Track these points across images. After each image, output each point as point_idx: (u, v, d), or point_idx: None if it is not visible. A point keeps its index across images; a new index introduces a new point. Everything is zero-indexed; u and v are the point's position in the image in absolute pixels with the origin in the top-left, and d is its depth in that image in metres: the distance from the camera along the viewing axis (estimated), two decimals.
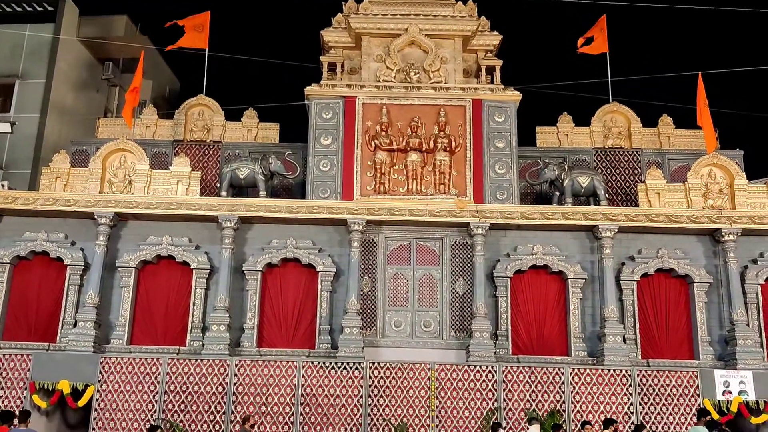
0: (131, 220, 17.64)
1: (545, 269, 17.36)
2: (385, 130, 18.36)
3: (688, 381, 15.77)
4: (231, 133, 20.35)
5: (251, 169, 18.27)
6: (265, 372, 15.77)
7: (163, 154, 20.03)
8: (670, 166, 19.73)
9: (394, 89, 18.67)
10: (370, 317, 17.34)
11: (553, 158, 19.32)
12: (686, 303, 17.23)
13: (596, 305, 17.11)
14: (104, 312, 17.01)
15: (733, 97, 25.02)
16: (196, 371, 15.79)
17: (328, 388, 15.65)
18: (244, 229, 17.60)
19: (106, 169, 18.03)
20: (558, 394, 15.63)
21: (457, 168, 18.17)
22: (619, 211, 17.36)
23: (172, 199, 17.38)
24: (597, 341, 16.78)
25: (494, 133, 18.38)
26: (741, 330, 16.47)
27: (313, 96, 18.69)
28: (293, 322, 17.18)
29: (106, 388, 15.69)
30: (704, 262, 17.35)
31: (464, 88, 18.72)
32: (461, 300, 17.41)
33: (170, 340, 16.97)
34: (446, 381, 15.66)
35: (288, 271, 17.49)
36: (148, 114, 20.72)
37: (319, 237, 17.59)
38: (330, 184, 18.04)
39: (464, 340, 16.91)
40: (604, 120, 20.17)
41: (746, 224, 17.08)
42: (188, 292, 17.22)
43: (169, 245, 17.32)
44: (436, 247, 17.80)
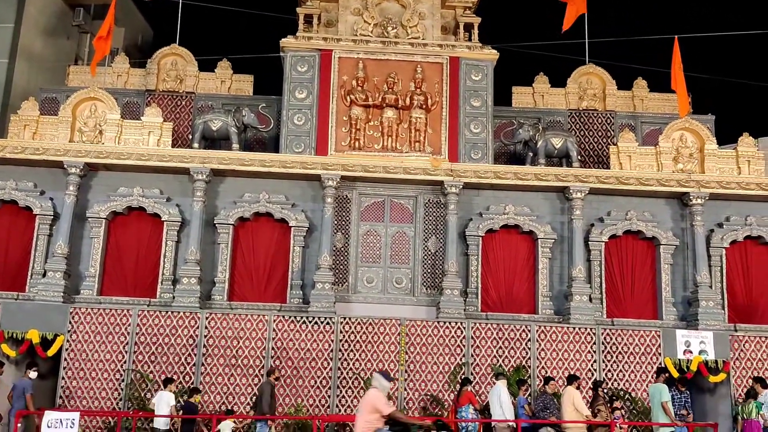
0: (102, 171, 17.42)
1: (516, 229, 17.55)
2: (361, 85, 18.22)
3: (650, 340, 16.17)
4: (204, 84, 20.05)
5: (224, 121, 18.07)
6: (235, 325, 15.85)
7: (134, 104, 19.71)
8: (643, 129, 19.88)
9: (371, 44, 18.48)
10: (343, 273, 17.45)
11: (528, 119, 19.37)
12: (652, 264, 17.58)
13: (564, 265, 17.38)
14: (74, 262, 16.91)
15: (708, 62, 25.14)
16: (166, 323, 15.83)
17: (299, 342, 15.80)
18: (216, 182, 17.48)
19: (76, 117, 17.74)
20: (524, 351, 15.95)
21: (432, 126, 18.13)
22: (591, 173, 17.53)
23: (144, 150, 17.18)
24: (564, 300, 17.09)
25: (470, 92, 18.34)
26: (704, 292, 16.87)
27: (289, 48, 18.44)
28: (265, 276, 17.24)
29: (76, 338, 15.68)
30: (671, 225, 17.66)
31: (442, 45, 18.58)
32: (433, 257, 17.56)
33: (141, 291, 16.95)
34: (416, 336, 15.89)
35: (260, 226, 17.47)
36: (119, 62, 20.31)
37: (293, 192, 17.55)
38: (304, 139, 17.93)
39: (435, 297, 17.11)
40: (580, 81, 20.20)
41: (714, 188, 17.36)
42: (159, 244, 17.15)
43: (140, 197, 17.18)
44: (409, 205, 17.87)
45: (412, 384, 15.57)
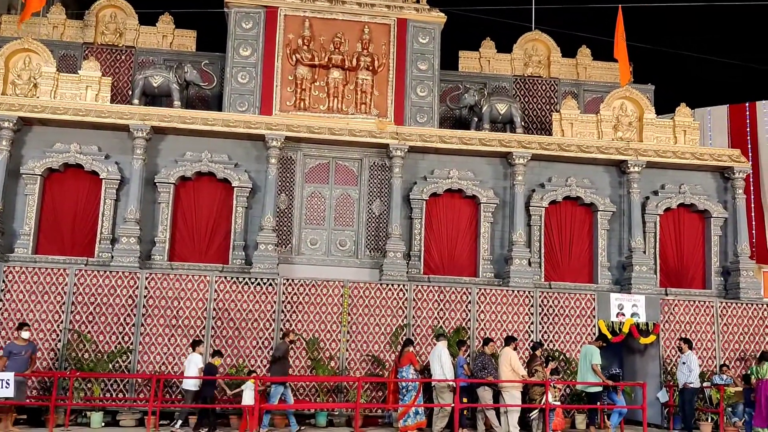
0: (36, 126, 16.82)
1: (460, 193, 17.73)
2: (307, 45, 17.97)
3: (585, 303, 16.67)
4: (145, 39, 19.47)
5: (166, 77, 17.62)
6: (176, 286, 15.67)
7: (71, 56, 19.03)
8: (585, 97, 20.24)
9: (317, 2, 18.18)
10: (286, 235, 17.38)
11: (474, 84, 19.46)
12: (590, 230, 18.04)
13: (506, 230, 17.69)
14: (7, 220, 16.38)
15: (649, 32, 25.61)
16: (104, 283, 15.54)
17: (241, 303, 15.74)
18: (156, 139, 17.09)
19: (9, 69, 17.08)
20: (464, 313, 16.26)
21: (378, 88, 18.06)
22: (533, 140, 17.78)
23: (81, 105, 16.64)
24: (504, 264, 17.43)
25: (417, 55, 18.28)
26: (638, 257, 17.43)
27: (233, 4, 18.00)
28: (207, 236, 17.05)
29: (10, 297, 15.27)
30: (609, 192, 18.11)
31: (389, 6, 18.42)
32: (377, 220, 17.64)
33: (78, 251, 16.57)
34: (359, 298, 16.01)
35: (202, 185, 17.21)
36: (55, 13, 19.51)
37: (236, 151, 17.31)
38: (248, 98, 17.64)
39: (378, 260, 17.23)
40: (526, 48, 20.36)
41: (651, 157, 17.84)
42: (97, 202, 16.74)
43: (77, 153, 16.68)
44: (354, 167, 17.84)
45: (354, 345, 15.73)
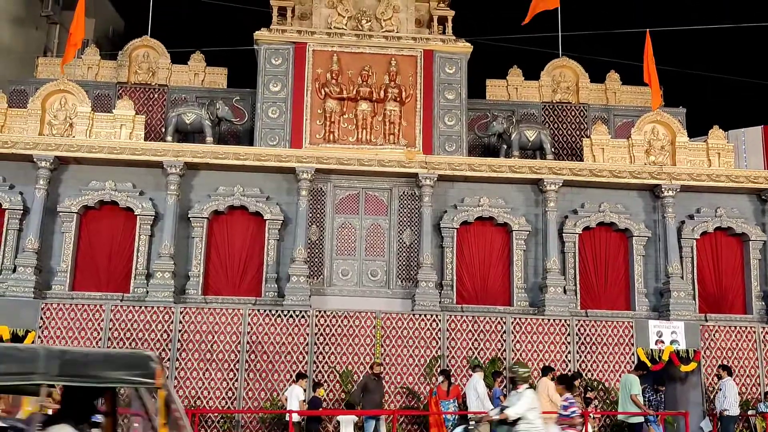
0: (72, 164, 17.18)
1: (491, 221, 17.64)
2: (335, 78, 18.15)
3: (623, 331, 16.37)
4: (177, 77, 19.83)
5: (198, 114, 17.90)
6: (210, 319, 15.75)
7: (105, 96, 19.44)
8: (616, 122, 20.07)
9: (345, 37, 18.41)
10: (318, 266, 17.41)
11: (502, 111, 19.45)
12: (625, 256, 17.77)
13: (539, 257, 17.50)
14: (45, 257, 16.67)
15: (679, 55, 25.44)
16: (140, 318, 15.68)
17: (274, 336, 15.75)
18: (189, 175, 17.33)
19: (45, 110, 17.46)
20: (499, 343, 16.06)
21: (406, 118, 18.13)
22: (564, 165, 17.66)
23: (116, 143, 16.97)
24: (539, 292, 17.22)
25: (444, 85, 18.36)
26: (675, 283, 17.10)
27: (263, 41, 18.30)
28: (239, 270, 17.14)
29: (48, 334, 15.48)
30: (644, 217, 17.86)
31: (416, 38, 18.57)
32: (408, 250, 17.59)
33: (114, 286, 16.77)
34: (392, 329, 15.92)
35: (235, 219, 17.36)
36: (90, 54, 20.00)
37: (267, 185, 17.46)
38: (279, 132, 17.83)
39: (410, 290, 17.14)
40: (553, 74, 20.32)
41: (685, 181, 17.59)
42: (132, 238, 16.97)
43: (112, 190, 16.97)
44: (384, 197, 17.87)
45: (388, 377, 15.59)
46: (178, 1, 21.38)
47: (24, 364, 5.45)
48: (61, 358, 5.59)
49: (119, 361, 5.90)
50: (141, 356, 5.95)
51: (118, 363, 5.86)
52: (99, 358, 5.88)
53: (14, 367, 5.42)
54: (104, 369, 5.73)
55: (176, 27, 25.19)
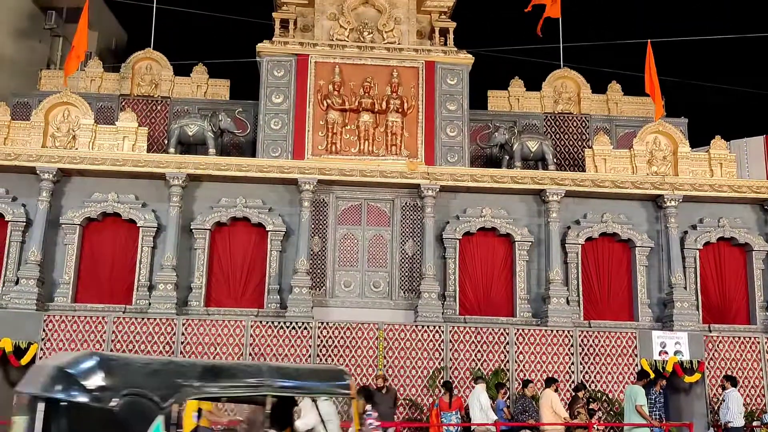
0: (75, 176, 17.21)
1: (493, 231, 17.62)
2: (337, 90, 18.20)
3: (627, 342, 16.31)
4: (180, 89, 19.89)
5: (200, 126, 17.94)
6: (212, 331, 15.73)
7: (108, 108, 19.49)
8: (618, 132, 20.08)
9: (347, 49, 18.47)
10: (320, 277, 17.39)
11: (504, 122, 19.47)
12: (628, 266, 17.74)
13: (542, 268, 17.47)
14: (48, 269, 16.67)
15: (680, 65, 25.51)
16: (142, 330, 15.66)
17: (277, 348, 15.72)
18: (192, 187, 17.35)
19: (48, 122, 17.51)
20: (503, 354, 16.01)
21: (408, 129, 18.16)
22: (566, 176, 17.66)
23: (119, 155, 17.00)
24: (541, 303, 17.19)
25: (446, 96, 18.39)
26: (679, 293, 17.05)
27: (265, 53, 18.37)
28: (242, 281, 17.13)
29: (50, 346, 15.46)
30: (646, 227, 17.83)
31: (417, 50, 18.63)
32: (411, 261, 17.57)
33: (116, 298, 16.75)
34: (394, 341, 15.88)
35: (237, 230, 17.36)
36: (93, 67, 20.08)
37: (270, 196, 17.47)
38: (281, 143, 17.86)
39: (413, 301, 17.11)
40: (555, 85, 20.35)
41: (687, 191, 17.58)
42: (134, 250, 16.97)
43: (115, 202, 16.99)
44: (386, 208, 17.87)
45: None
46: (180, 14, 21.46)
47: (253, 378, 6.21)
48: (279, 372, 6.44)
49: (322, 374, 6.82)
50: (337, 370, 6.98)
51: (321, 376, 6.74)
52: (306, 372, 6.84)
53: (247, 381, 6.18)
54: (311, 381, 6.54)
55: (179, 39, 25.33)
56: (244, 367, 6.56)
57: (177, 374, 5.93)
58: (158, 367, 6.02)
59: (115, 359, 6.01)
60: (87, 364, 5.63)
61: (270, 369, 6.43)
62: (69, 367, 5.61)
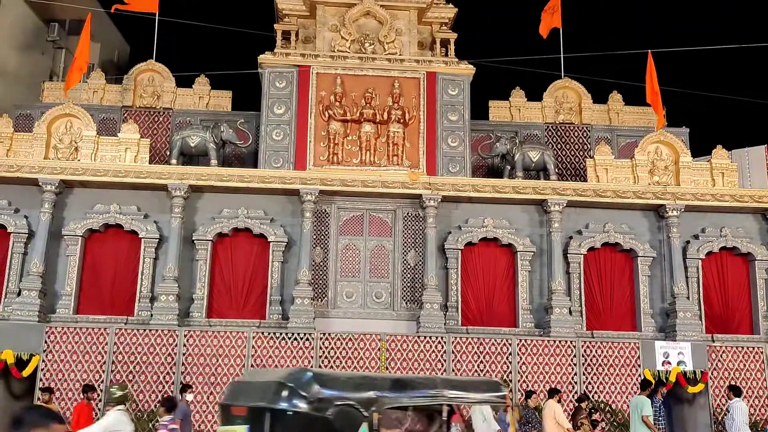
0: (77, 188, 17.24)
1: (495, 242, 17.60)
2: (339, 101, 18.24)
3: (630, 352, 16.26)
4: (182, 100, 19.95)
5: (202, 137, 17.98)
6: (214, 342, 15.71)
7: (111, 120, 19.55)
8: (619, 142, 20.10)
9: (348, 60, 18.52)
10: (322, 288, 17.37)
11: (505, 132, 19.49)
12: (630, 276, 17.71)
13: (544, 278, 17.44)
14: (49, 281, 16.67)
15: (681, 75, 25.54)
16: (144, 341, 15.64)
17: (279, 359, 15.68)
18: (194, 198, 17.37)
19: (51, 134, 17.55)
20: (505, 365, 15.96)
21: (410, 140, 18.18)
22: (568, 186, 17.65)
23: (121, 167, 17.03)
24: (544, 313, 17.14)
25: (447, 106, 18.42)
26: (681, 303, 17.01)
27: (267, 64, 18.42)
28: (244, 292, 17.12)
29: (52, 357, 15.44)
30: (648, 237, 17.81)
31: (419, 61, 18.68)
32: (413, 271, 17.55)
33: (118, 310, 16.74)
34: (396, 352, 15.84)
35: (239, 241, 17.36)
36: (95, 79, 20.15)
37: (271, 207, 17.48)
38: (283, 154, 17.89)
39: (415, 311, 17.08)
40: (556, 95, 20.39)
41: (689, 200, 17.56)
42: (136, 261, 16.97)
43: (117, 213, 17.00)
44: (388, 219, 17.87)
45: None
46: (182, 26, 21.53)
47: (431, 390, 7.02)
48: (449, 383, 7.29)
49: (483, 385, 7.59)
50: (494, 382, 7.79)
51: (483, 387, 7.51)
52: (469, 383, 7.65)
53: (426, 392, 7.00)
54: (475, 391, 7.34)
55: (181, 51, 25.41)
56: (422, 380, 7.62)
57: (373, 387, 6.78)
58: (359, 381, 6.90)
59: (326, 375, 6.90)
60: (305, 378, 6.54)
61: (442, 381, 7.34)
62: (290, 382, 6.48)
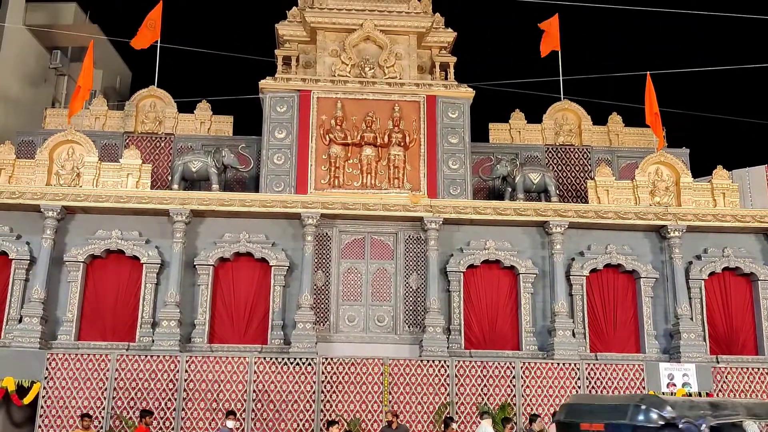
0: (79, 214, 17.26)
1: (497, 264, 17.57)
2: (339, 124, 18.32)
3: (634, 374, 16.16)
4: (184, 126, 20.04)
5: (204, 161, 18.03)
6: (216, 368, 15.62)
7: (113, 146, 19.63)
8: (619, 163, 20.13)
9: (348, 84, 18.63)
10: (324, 312, 17.32)
11: (506, 154, 19.54)
12: (633, 298, 17.65)
13: (547, 300, 17.38)
14: (51, 307, 16.63)
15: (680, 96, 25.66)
16: (146, 367, 15.56)
17: (281, 384, 15.59)
18: (195, 222, 17.38)
19: (53, 160, 17.61)
20: (509, 388, 15.86)
21: (411, 163, 18.23)
22: (569, 208, 17.66)
23: (122, 192, 17.06)
24: (547, 335, 17.06)
25: (448, 129, 18.49)
26: (685, 324, 16.93)
27: (268, 89, 18.53)
28: (245, 317, 17.06)
29: (53, 384, 15.36)
30: (651, 258, 17.77)
31: (418, 84, 18.78)
32: (415, 294, 17.50)
33: (119, 335, 16.69)
34: (399, 376, 15.75)
35: (241, 266, 17.34)
36: (97, 105, 20.27)
37: (273, 231, 17.48)
38: (284, 178, 17.93)
39: (417, 335, 17.00)
40: (556, 117, 20.47)
41: (691, 221, 17.55)
42: (138, 287, 16.94)
43: (119, 239, 17.00)
44: (390, 242, 17.86)
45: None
46: (184, 52, 21.71)
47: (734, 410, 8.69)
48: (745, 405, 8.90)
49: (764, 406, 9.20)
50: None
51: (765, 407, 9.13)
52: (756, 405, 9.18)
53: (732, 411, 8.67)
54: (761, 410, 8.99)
55: (183, 77, 25.57)
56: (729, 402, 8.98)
57: (700, 407, 8.45)
58: (690, 403, 8.55)
59: (666, 399, 8.56)
60: (656, 401, 8.41)
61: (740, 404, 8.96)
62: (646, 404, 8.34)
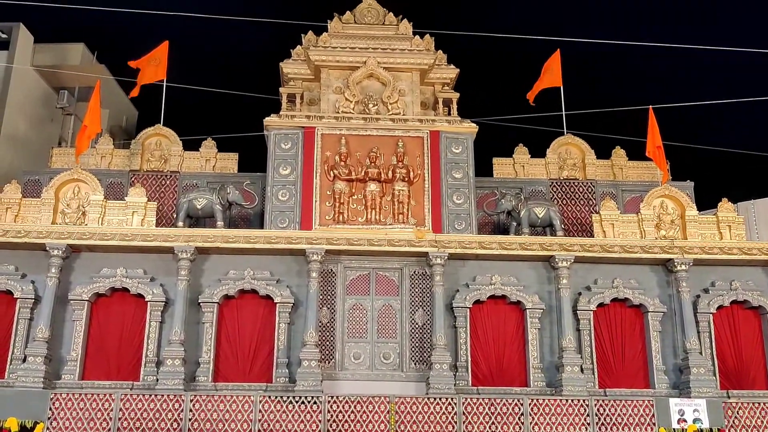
0: (84, 252, 17.27)
1: (504, 299, 17.47)
2: (344, 161, 18.39)
3: (644, 410, 15.92)
4: (189, 163, 20.13)
5: (209, 199, 18.08)
6: (221, 407, 15.45)
7: (118, 184, 19.70)
8: (624, 197, 20.09)
9: (353, 120, 18.76)
10: (329, 349, 17.19)
11: (510, 189, 19.55)
12: (641, 332, 17.48)
13: (554, 335, 17.23)
14: (55, 346, 16.54)
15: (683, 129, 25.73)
16: (150, 407, 15.39)
17: (286, 423, 15.39)
18: (200, 260, 17.36)
19: (59, 199, 17.67)
20: (518, 425, 15.62)
21: (415, 198, 18.25)
22: (575, 242, 17.60)
23: (127, 230, 17.08)
24: (555, 371, 16.88)
25: (452, 164, 18.55)
26: (694, 359, 16.74)
27: (272, 126, 18.67)
28: (250, 355, 16.93)
29: (57, 425, 15.19)
30: (658, 292, 17.65)
31: (422, 120, 18.90)
32: (421, 331, 17.38)
33: (124, 375, 16.57)
34: (406, 414, 15.54)
35: (245, 303, 17.27)
36: (103, 144, 20.39)
37: (278, 267, 17.44)
38: (289, 214, 17.95)
39: (424, 372, 16.84)
40: (559, 152, 20.51)
41: (697, 254, 17.46)
42: (142, 325, 16.86)
43: (124, 277, 16.98)
44: (395, 277, 17.79)
45: None
46: (190, 90, 21.93)
47: None
48: None
49: None
50: None
51: None
52: None
53: None
54: None
55: (188, 115, 25.76)
56: None
57: None
58: None
59: None
60: None
61: None
62: None
